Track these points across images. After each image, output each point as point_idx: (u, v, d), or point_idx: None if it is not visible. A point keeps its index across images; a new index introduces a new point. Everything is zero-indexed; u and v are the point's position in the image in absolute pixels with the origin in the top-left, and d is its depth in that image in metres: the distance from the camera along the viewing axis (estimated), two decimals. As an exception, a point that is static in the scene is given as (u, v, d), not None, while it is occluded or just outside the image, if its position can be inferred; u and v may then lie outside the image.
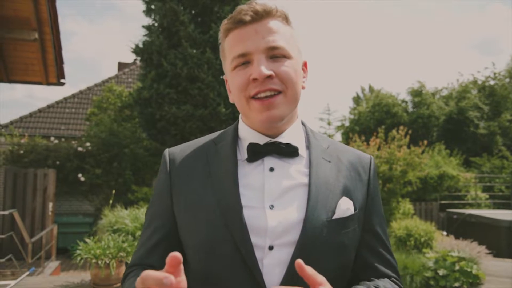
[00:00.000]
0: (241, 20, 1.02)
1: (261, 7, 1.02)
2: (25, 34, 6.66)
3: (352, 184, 1.09)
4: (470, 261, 6.43)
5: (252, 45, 1.00)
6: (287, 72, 1.02)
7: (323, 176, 1.06)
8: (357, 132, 16.86)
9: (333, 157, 1.12)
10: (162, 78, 10.34)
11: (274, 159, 1.06)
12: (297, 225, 0.98)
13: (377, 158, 10.09)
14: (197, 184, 1.06)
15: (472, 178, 14.79)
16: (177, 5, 10.39)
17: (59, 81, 8.14)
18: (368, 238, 1.10)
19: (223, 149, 1.10)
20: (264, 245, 0.97)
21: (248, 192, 1.02)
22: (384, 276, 1.10)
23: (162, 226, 1.09)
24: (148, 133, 10.97)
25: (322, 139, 1.17)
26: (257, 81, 0.99)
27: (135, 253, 1.13)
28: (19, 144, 10.84)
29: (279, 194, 1.02)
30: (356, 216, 1.06)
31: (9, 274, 7.20)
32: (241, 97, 1.03)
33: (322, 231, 0.99)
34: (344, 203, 1.04)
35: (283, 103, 1.02)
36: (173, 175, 1.10)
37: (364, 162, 1.16)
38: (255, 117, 1.03)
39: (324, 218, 1.00)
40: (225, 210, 0.99)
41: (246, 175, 1.05)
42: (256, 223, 0.98)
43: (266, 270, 0.96)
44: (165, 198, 1.10)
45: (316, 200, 1.01)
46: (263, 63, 0.99)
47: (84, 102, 17.25)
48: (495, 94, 21.39)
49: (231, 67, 1.04)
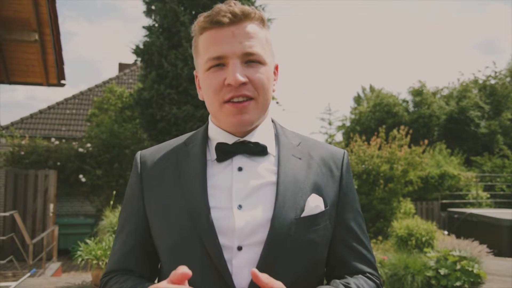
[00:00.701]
0: (218, 21, 1.00)
1: (240, 9, 1.01)
2: (26, 35, 6.68)
3: (323, 180, 1.08)
4: (471, 261, 6.43)
5: (228, 48, 0.99)
6: (261, 79, 1.02)
7: (292, 174, 1.05)
8: (358, 132, 16.85)
9: (304, 154, 1.11)
10: (163, 79, 10.34)
11: (243, 158, 1.06)
12: (265, 224, 0.98)
13: (378, 158, 10.08)
14: (168, 187, 1.06)
15: (473, 178, 14.78)
16: (178, 5, 10.39)
17: (60, 82, 8.15)
18: (342, 234, 1.08)
19: (193, 150, 1.10)
20: (233, 245, 0.97)
21: (216, 193, 1.02)
22: (359, 272, 1.08)
23: (135, 230, 1.08)
24: (149, 133, 10.97)
25: (293, 136, 1.16)
26: (231, 86, 0.99)
27: (110, 259, 1.12)
28: (20, 145, 10.85)
29: (247, 194, 1.02)
30: (327, 212, 1.05)
31: (10, 276, 7.21)
32: (214, 100, 1.03)
33: (290, 230, 0.98)
34: (313, 200, 1.03)
35: (254, 108, 1.03)
36: (144, 178, 1.10)
37: (336, 158, 1.14)
38: (226, 120, 1.03)
39: (293, 216, 0.99)
40: (193, 212, 0.99)
41: (215, 176, 1.05)
42: (224, 224, 0.98)
43: (235, 270, 0.96)
44: (137, 201, 1.10)
45: (284, 199, 1.00)
46: (238, 69, 0.99)
47: (85, 103, 17.26)
48: (496, 93, 21.39)
49: (205, 67, 1.03)
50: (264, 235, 0.97)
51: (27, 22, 6.57)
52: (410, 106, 22.19)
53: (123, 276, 1.06)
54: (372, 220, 9.91)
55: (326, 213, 1.05)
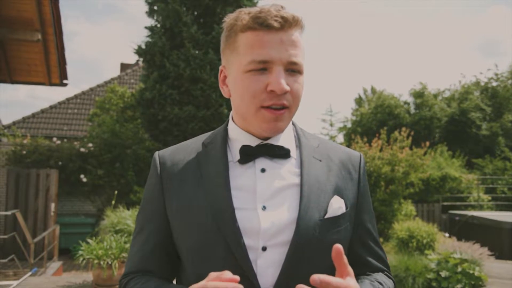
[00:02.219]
0: (269, 25, 0.98)
1: (290, 15, 1.00)
2: (28, 35, 6.69)
3: (343, 182, 1.10)
4: (472, 263, 6.42)
5: (275, 55, 0.98)
6: (299, 90, 1.03)
7: (314, 176, 1.06)
8: (359, 134, 16.84)
9: (323, 155, 1.12)
10: (165, 79, 10.35)
11: (266, 160, 1.06)
12: (290, 225, 0.99)
13: (379, 160, 10.08)
14: (189, 187, 1.06)
15: (475, 180, 14.77)
16: (180, 6, 10.41)
17: (62, 81, 8.16)
18: (360, 235, 1.12)
19: (213, 150, 1.10)
20: (257, 246, 0.98)
21: (240, 194, 1.02)
22: (377, 269, 1.13)
23: (157, 230, 1.08)
24: (151, 134, 10.99)
25: (312, 138, 1.17)
26: (274, 93, 0.98)
27: (130, 260, 1.11)
28: (21, 144, 10.86)
29: (271, 195, 1.02)
30: (347, 214, 1.07)
31: (12, 275, 7.22)
32: (250, 103, 1.01)
33: (315, 231, 0.99)
34: (336, 201, 1.05)
35: (288, 117, 1.04)
36: (164, 178, 1.10)
37: (354, 160, 1.16)
38: (259, 125, 1.03)
39: (317, 218, 1.01)
40: (217, 213, 0.99)
41: (238, 177, 1.05)
42: (248, 224, 0.99)
43: (260, 271, 0.97)
44: (157, 201, 1.09)
45: (308, 200, 1.01)
46: (283, 77, 0.98)
47: (87, 102, 17.28)
48: (498, 95, 21.38)
49: (246, 68, 1.00)
50: (289, 235, 0.98)
51: (30, 22, 6.59)
52: (411, 108, 22.19)
53: (144, 276, 1.06)
54: (373, 222, 9.90)
55: (347, 214, 1.07)
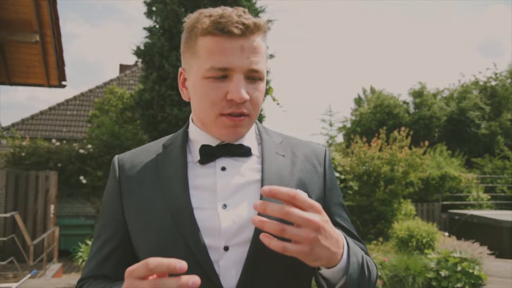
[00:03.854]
0: (229, 31, 0.96)
1: (252, 22, 0.97)
2: (27, 37, 6.68)
3: (308, 176, 1.08)
4: (472, 262, 6.42)
5: (235, 62, 0.96)
6: (258, 98, 1.01)
7: (276, 171, 1.04)
8: (359, 133, 16.86)
9: (286, 151, 1.11)
10: (164, 80, 10.35)
11: (227, 159, 1.05)
12: (250, 223, 0.95)
13: (379, 159, 10.08)
14: (147, 189, 1.04)
15: (474, 179, 14.77)
16: (179, 7, 10.40)
17: (61, 83, 8.15)
18: None
19: (172, 151, 1.08)
20: (219, 246, 0.96)
21: (199, 193, 1.01)
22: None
23: (112, 236, 1.07)
24: (150, 135, 10.98)
25: (275, 135, 1.16)
26: (233, 102, 0.97)
27: (86, 266, 1.09)
28: (20, 146, 10.85)
29: (231, 193, 1.01)
30: None
31: (11, 277, 7.21)
32: (210, 110, 1.00)
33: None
34: None
35: (247, 124, 1.03)
36: (122, 182, 1.08)
37: (318, 154, 1.15)
38: (218, 131, 1.02)
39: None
40: (176, 213, 0.97)
41: (197, 177, 1.03)
42: (209, 224, 0.97)
43: (222, 271, 0.95)
44: (115, 206, 1.07)
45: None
46: (242, 86, 0.96)
47: (86, 104, 17.27)
48: (497, 94, 21.39)
49: (205, 74, 0.98)
50: (250, 233, 0.96)
51: (28, 24, 6.59)
52: (410, 107, 22.20)
53: (96, 280, 1.04)
54: (373, 222, 9.92)
55: None
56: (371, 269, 1.03)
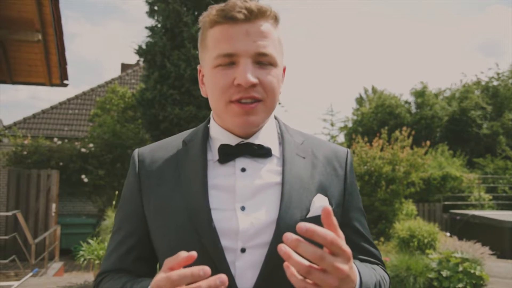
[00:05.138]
0: (232, 17, 0.95)
1: (256, 6, 0.97)
2: (29, 36, 6.69)
3: (328, 180, 1.06)
4: (473, 262, 6.41)
5: (241, 47, 0.95)
6: (271, 82, 0.98)
7: (297, 174, 1.02)
8: (360, 133, 16.84)
9: (307, 152, 1.09)
10: (165, 79, 10.35)
11: (246, 159, 1.03)
12: (270, 226, 0.96)
13: (380, 159, 10.07)
14: (167, 187, 1.03)
15: (476, 179, 14.75)
16: (180, 6, 10.40)
17: (62, 82, 8.16)
18: (348, 233, 1.05)
19: (192, 149, 1.06)
20: (236, 247, 0.95)
21: (218, 194, 0.99)
22: (372, 264, 1.09)
23: (134, 230, 1.06)
24: (151, 134, 10.98)
25: (296, 134, 1.14)
26: (241, 87, 0.95)
27: (106, 259, 1.09)
28: (22, 145, 10.87)
29: (250, 195, 0.99)
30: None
31: (13, 275, 7.23)
32: (220, 99, 0.98)
33: (296, 231, 0.97)
34: (319, 200, 1.01)
35: (262, 111, 0.99)
36: (142, 177, 1.07)
37: (340, 157, 1.12)
38: (231, 120, 1.00)
39: (298, 217, 0.97)
40: (193, 213, 0.97)
41: (217, 177, 1.02)
42: (226, 225, 0.96)
43: (238, 272, 0.94)
44: (135, 201, 1.07)
45: (290, 199, 0.98)
46: (249, 70, 0.94)
47: (87, 103, 17.29)
48: (498, 94, 21.34)
49: (214, 63, 0.98)
50: (268, 236, 0.95)
51: (30, 22, 6.59)
52: (412, 107, 22.17)
53: (117, 274, 1.04)
54: (374, 222, 9.90)
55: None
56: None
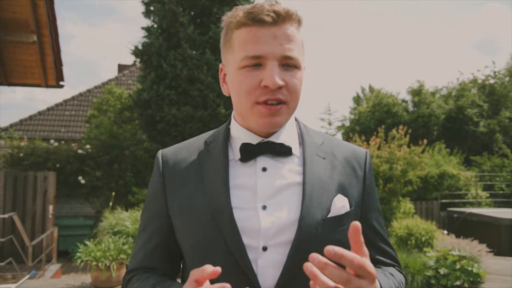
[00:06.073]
0: (261, 19, 0.98)
1: (283, 9, 0.99)
2: (24, 37, 6.68)
3: (347, 180, 1.08)
4: (471, 260, 6.43)
5: (268, 49, 0.98)
6: (296, 85, 1.01)
7: (317, 174, 1.04)
8: (358, 132, 16.83)
9: (327, 153, 1.11)
10: (162, 80, 10.34)
11: (267, 158, 1.05)
12: (291, 225, 0.98)
13: (377, 158, 10.08)
14: (190, 188, 1.06)
15: (473, 177, 14.78)
16: (177, 6, 10.39)
17: (58, 83, 8.14)
18: (366, 233, 1.07)
19: (214, 149, 1.09)
20: (258, 246, 0.97)
21: (239, 193, 1.02)
22: (387, 266, 1.12)
23: (159, 230, 1.09)
24: (148, 134, 10.97)
25: (316, 135, 1.16)
26: (268, 88, 0.98)
27: (133, 257, 1.13)
28: (19, 147, 10.83)
29: (272, 194, 1.01)
30: (351, 213, 1.05)
31: (10, 278, 7.20)
32: (246, 100, 1.01)
33: (318, 230, 0.98)
34: (339, 200, 1.03)
35: (285, 113, 1.02)
36: (166, 177, 1.10)
37: (359, 157, 1.14)
38: (255, 121, 1.02)
39: (319, 217, 0.99)
40: (216, 212, 0.99)
41: (238, 176, 1.04)
42: (248, 224, 0.98)
43: (260, 270, 0.96)
44: (159, 200, 1.10)
45: (311, 199, 1.00)
46: (276, 72, 0.97)
47: (84, 104, 17.24)
48: (495, 92, 21.38)
49: (240, 64, 1.00)
50: (290, 235, 0.97)
51: (25, 24, 6.57)
52: (409, 106, 22.18)
53: (145, 273, 1.07)
54: (372, 220, 9.89)
55: (351, 213, 1.05)
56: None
